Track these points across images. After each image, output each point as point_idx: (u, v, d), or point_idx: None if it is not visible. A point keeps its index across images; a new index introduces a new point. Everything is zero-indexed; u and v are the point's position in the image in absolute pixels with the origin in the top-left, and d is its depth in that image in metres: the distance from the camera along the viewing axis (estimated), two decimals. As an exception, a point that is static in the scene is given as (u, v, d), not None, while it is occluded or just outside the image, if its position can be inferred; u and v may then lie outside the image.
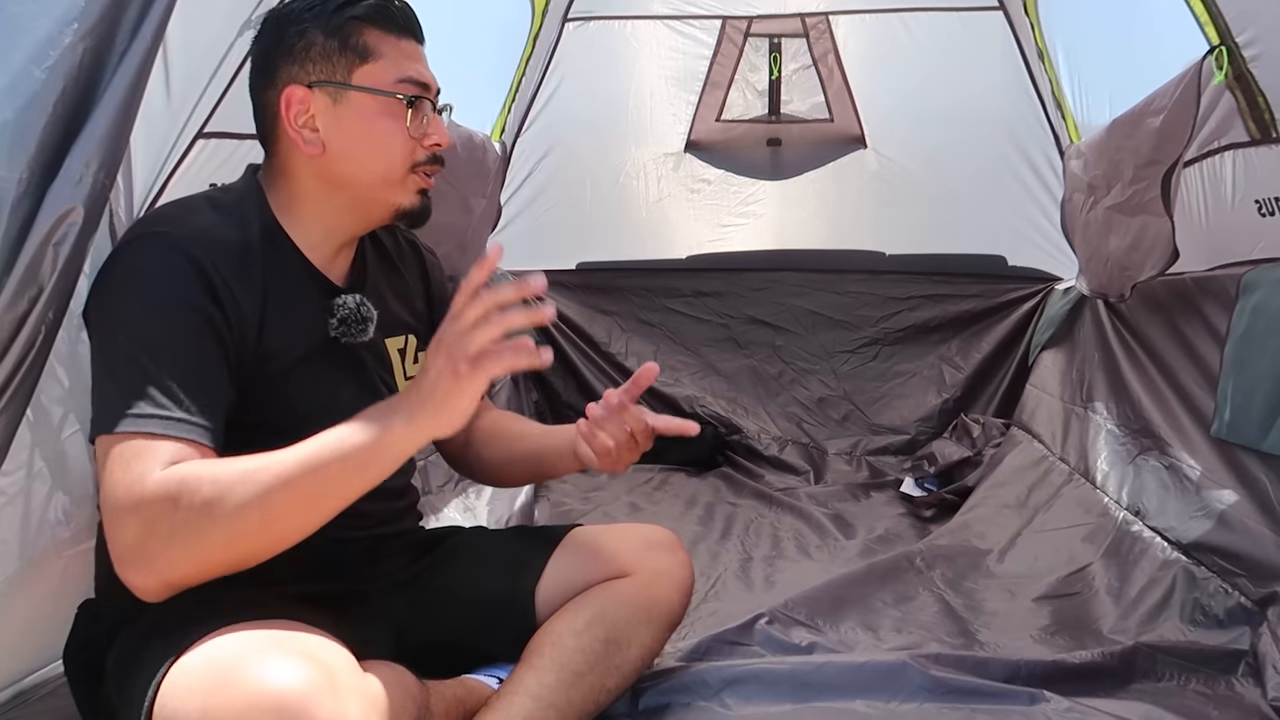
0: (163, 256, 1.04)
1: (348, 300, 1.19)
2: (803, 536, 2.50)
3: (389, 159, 1.17)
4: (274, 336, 1.12)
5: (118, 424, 0.96)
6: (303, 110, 1.14)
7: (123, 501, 0.94)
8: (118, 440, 0.96)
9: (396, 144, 1.17)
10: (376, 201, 1.19)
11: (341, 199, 1.18)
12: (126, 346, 1.00)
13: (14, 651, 1.27)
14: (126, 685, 1.01)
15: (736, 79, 3.50)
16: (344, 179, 1.17)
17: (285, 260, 1.17)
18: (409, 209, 1.21)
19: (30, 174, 0.92)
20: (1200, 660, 1.60)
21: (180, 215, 1.11)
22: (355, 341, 1.20)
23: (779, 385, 3.49)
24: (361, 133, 1.16)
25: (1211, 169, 2.13)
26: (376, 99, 1.15)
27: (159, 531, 0.93)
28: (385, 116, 1.16)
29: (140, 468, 0.95)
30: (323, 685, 0.87)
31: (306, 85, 1.14)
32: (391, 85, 1.16)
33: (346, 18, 1.15)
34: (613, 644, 1.25)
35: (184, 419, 0.98)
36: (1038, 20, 2.96)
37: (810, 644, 1.71)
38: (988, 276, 3.45)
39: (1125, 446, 2.36)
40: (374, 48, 1.16)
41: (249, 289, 1.10)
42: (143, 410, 0.97)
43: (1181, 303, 2.20)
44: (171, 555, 0.94)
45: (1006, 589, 2.04)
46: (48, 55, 0.93)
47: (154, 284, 1.03)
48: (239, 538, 0.95)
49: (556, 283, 3.56)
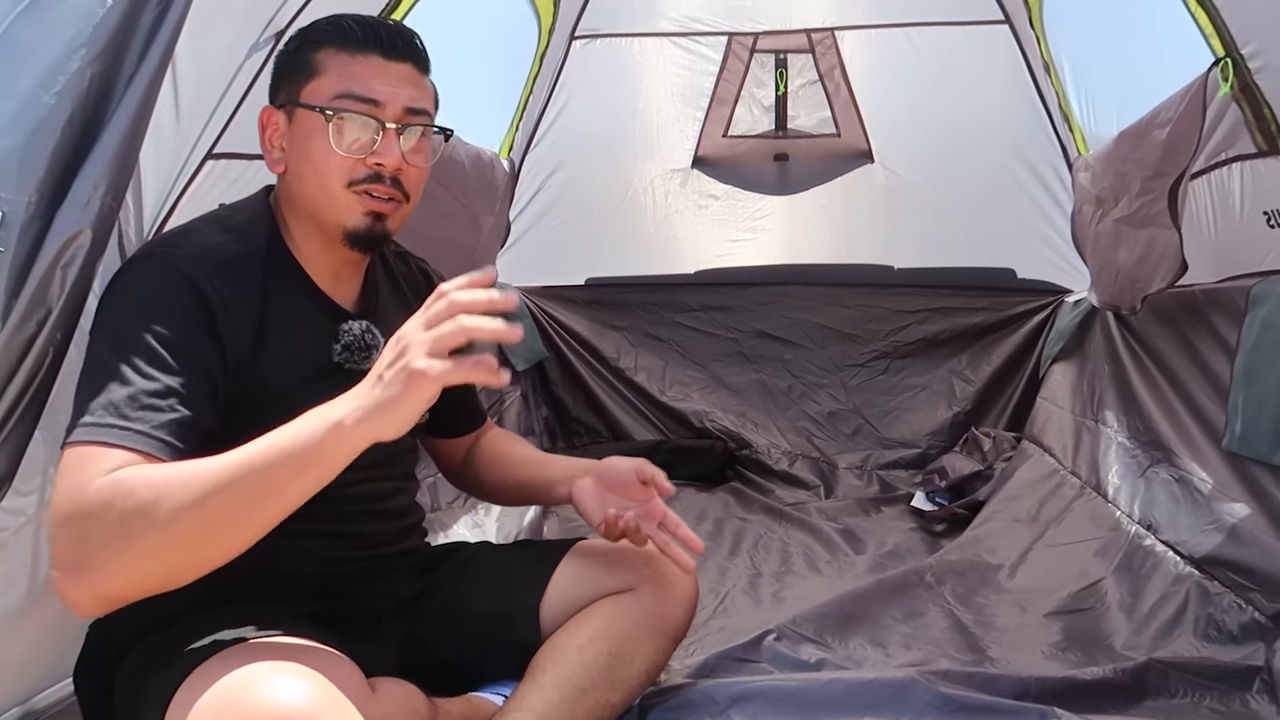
0: (158, 276, 1.05)
1: (354, 326, 1.19)
2: (812, 552, 2.49)
3: (321, 176, 1.15)
4: (273, 357, 1.12)
5: (79, 433, 0.95)
6: (274, 130, 1.18)
7: (61, 507, 0.92)
8: (74, 447, 0.95)
9: (328, 160, 1.14)
10: (324, 221, 1.18)
11: (303, 219, 1.20)
12: (108, 360, 1.00)
13: (22, 671, 1.28)
14: (134, 704, 1.01)
15: (743, 95, 3.51)
16: (295, 197, 1.19)
17: (290, 282, 1.17)
18: (353, 230, 1.17)
19: (39, 197, 0.94)
20: (1214, 677, 1.58)
21: (185, 236, 1.12)
22: (359, 368, 1.19)
23: (788, 399, 3.48)
24: (301, 150, 1.16)
25: (1219, 181, 2.12)
26: (315, 115, 1.15)
27: (91, 538, 0.90)
28: (319, 132, 1.15)
29: (83, 474, 0.92)
30: (328, 703, 0.87)
31: (276, 106, 1.19)
32: (328, 100, 1.14)
33: (305, 39, 1.18)
34: (616, 658, 1.25)
35: (144, 432, 0.96)
36: (1043, 33, 2.96)
37: (819, 660, 1.71)
38: (997, 289, 3.44)
39: (1136, 459, 2.35)
40: (320, 64, 1.16)
41: (246, 305, 1.10)
42: (104, 420, 0.96)
43: (1191, 315, 2.19)
44: (103, 563, 0.90)
45: (1017, 604, 2.02)
46: (56, 80, 0.94)
47: (144, 302, 1.04)
48: (173, 544, 0.91)
49: (565, 298, 3.58)
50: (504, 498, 1.47)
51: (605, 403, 3.48)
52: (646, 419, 3.47)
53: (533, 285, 3.54)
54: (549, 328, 3.51)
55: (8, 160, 0.92)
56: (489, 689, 1.28)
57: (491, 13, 2.94)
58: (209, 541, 0.92)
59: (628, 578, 1.32)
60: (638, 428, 3.46)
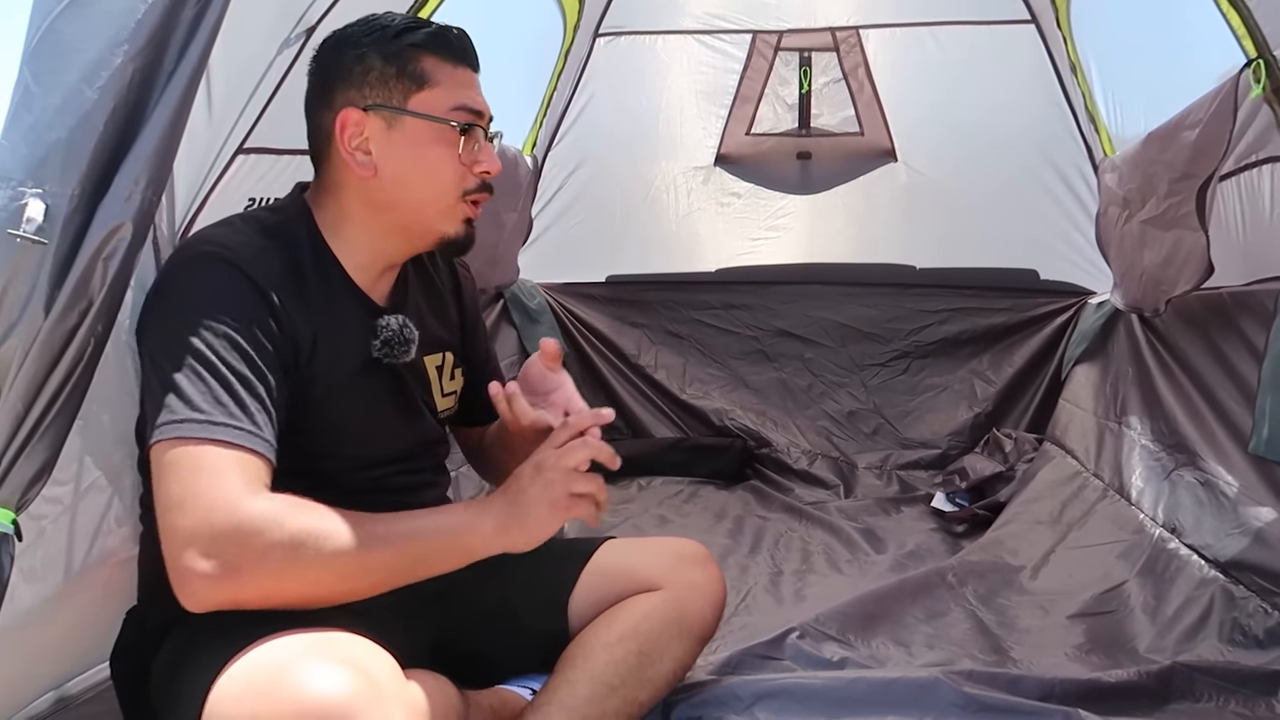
0: (224, 275, 1.06)
1: (391, 322, 1.20)
2: (833, 551, 2.49)
3: (440, 185, 1.18)
4: (324, 358, 1.13)
5: (185, 430, 0.97)
6: (357, 133, 1.16)
7: (218, 512, 0.95)
8: (183, 445, 0.97)
9: (448, 170, 1.18)
10: (423, 227, 1.20)
11: (388, 223, 1.19)
12: (190, 360, 1.01)
13: (58, 657, 1.30)
14: (172, 691, 1.02)
15: (767, 93, 3.51)
16: (393, 203, 1.18)
17: (331, 281, 1.18)
18: (454, 237, 1.21)
19: (81, 190, 0.95)
20: (1239, 681, 1.57)
21: (234, 237, 1.12)
22: (398, 362, 1.21)
23: (808, 398, 3.48)
24: (413, 158, 1.17)
25: (1249, 183, 2.10)
26: (431, 125, 1.16)
27: (254, 549, 0.95)
28: (438, 143, 1.17)
29: (233, 482, 0.96)
30: (368, 693, 0.88)
31: (363, 108, 1.15)
32: (446, 112, 1.17)
33: (405, 44, 1.17)
34: (645, 657, 1.25)
35: (252, 431, 1.00)
36: (1070, 33, 2.94)
37: (842, 659, 1.71)
38: (1020, 290, 3.42)
39: (1160, 462, 2.33)
40: (431, 74, 1.17)
41: (304, 311, 1.11)
42: (214, 418, 0.98)
43: (1218, 318, 2.17)
44: (258, 575, 0.96)
45: (1040, 606, 2.02)
46: (99, 76, 0.96)
47: (216, 301, 1.04)
48: (326, 580, 0.99)
49: (586, 295, 3.58)
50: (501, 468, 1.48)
51: (625, 400, 3.49)
52: (666, 416, 3.48)
53: (554, 282, 3.55)
54: (570, 324, 3.52)
55: (52, 154, 0.93)
56: (516, 682, 1.29)
57: (517, 9, 2.95)
58: (351, 587, 1.02)
59: (655, 577, 1.32)
60: (657, 425, 3.46)
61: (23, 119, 0.95)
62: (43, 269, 0.93)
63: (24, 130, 0.95)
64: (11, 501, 0.95)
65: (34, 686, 1.27)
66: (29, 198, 0.92)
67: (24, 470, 0.96)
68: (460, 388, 1.38)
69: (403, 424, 1.25)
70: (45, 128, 0.94)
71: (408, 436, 1.26)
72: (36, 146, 0.94)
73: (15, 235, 0.91)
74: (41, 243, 0.92)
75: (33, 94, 0.96)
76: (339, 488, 1.09)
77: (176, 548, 0.96)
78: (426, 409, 1.29)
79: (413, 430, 1.27)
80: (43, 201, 0.92)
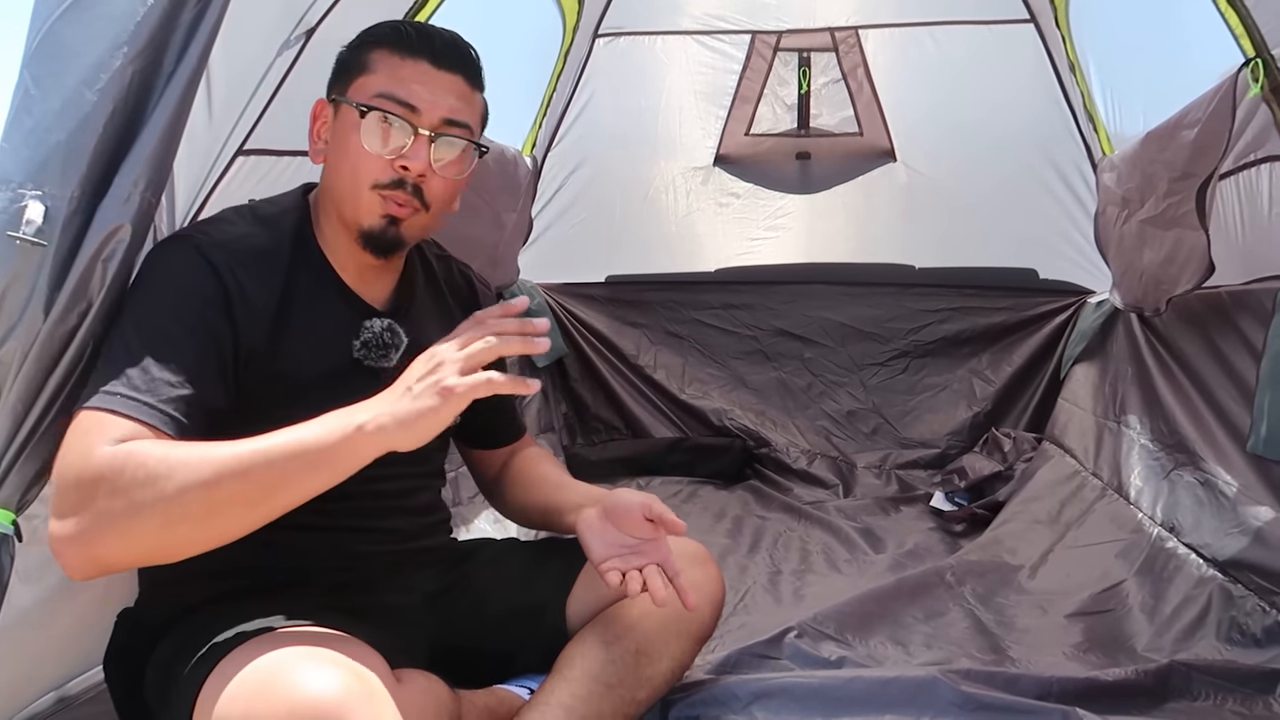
0: (178, 256, 1.08)
1: (374, 324, 1.20)
2: (831, 550, 2.49)
3: (348, 172, 1.16)
4: (294, 350, 1.13)
5: (89, 400, 0.96)
6: (322, 123, 1.20)
7: (69, 468, 0.93)
8: (85, 412, 0.96)
9: (357, 158, 1.14)
10: (345, 218, 1.18)
11: (332, 212, 1.20)
12: (123, 334, 1.01)
13: (58, 658, 1.30)
14: (166, 691, 1.03)
15: (766, 93, 3.51)
16: (327, 190, 1.21)
17: (317, 276, 1.18)
18: (367, 230, 1.16)
19: (81, 192, 0.96)
20: (1237, 680, 1.58)
21: (213, 223, 1.15)
22: (378, 366, 1.19)
23: (808, 398, 3.48)
24: (337, 144, 1.18)
25: (1248, 182, 2.11)
26: (354, 112, 1.15)
27: (98, 502, 0.91)
28: (354, 129, 1.15)
29: (90, 440, 0.94)
30: (359, 693, 0.88)
31: (327, 99, 1.20)
32: (368, 98, 1.15)
33: (366, 38, 1.19)
34: (643, 656, 1.26)
35: (151, 404, 0.97)
36: (1069, 32, 2.94)
37: (839, 658, 1.71)
38: (1019, 289, 3.43)
39: (1159, 462, 2.34)
40: (372, 63, 1.17)
41: (266, 295, 1.11)
42: (114, 389, 0.97)
43: (1217, 317, 2.17)
44: (106, 527, 0.92)
45: (1038, 605, 2.02)
46: (98, 78, 0.96)
47: (162, 280, 1.06)
48: (177, 520, 0.92)
49: (586, 295, 3.59)
50: (526, 520, 1.44)
51: (624, 400, 3.49)
52: (665, 416, 3.48)
53: (553, 282, 3.55)
54: (569, 324, 3.52)
55: (52, 156, 0.94)
56: (515, 682, 1.29)
57: (517, 10, 2.96)
58: (212, 523, 0.94)
59: None
60: (657, 425, 3.47)
61: (23, 122, 0.96)
62: (42, 271, 0.93)
63: (24, 133, 0.95)
64: (12, 502, 0.96)
65: (34, 687, 1.27)
66: (29, 200, 0.92)
67: (24, 471, 0.96)
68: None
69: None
70: (45, 130, 0.95)
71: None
72: (36, 149, 0.94)
73: (15, 237, 0.91)
74: (41, 244, 0.93)
75: (33, 97, 0.96)
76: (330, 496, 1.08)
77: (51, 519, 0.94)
78: None
79: None
80: (42, 204, 0.93)
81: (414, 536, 1.30)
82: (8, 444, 0.94)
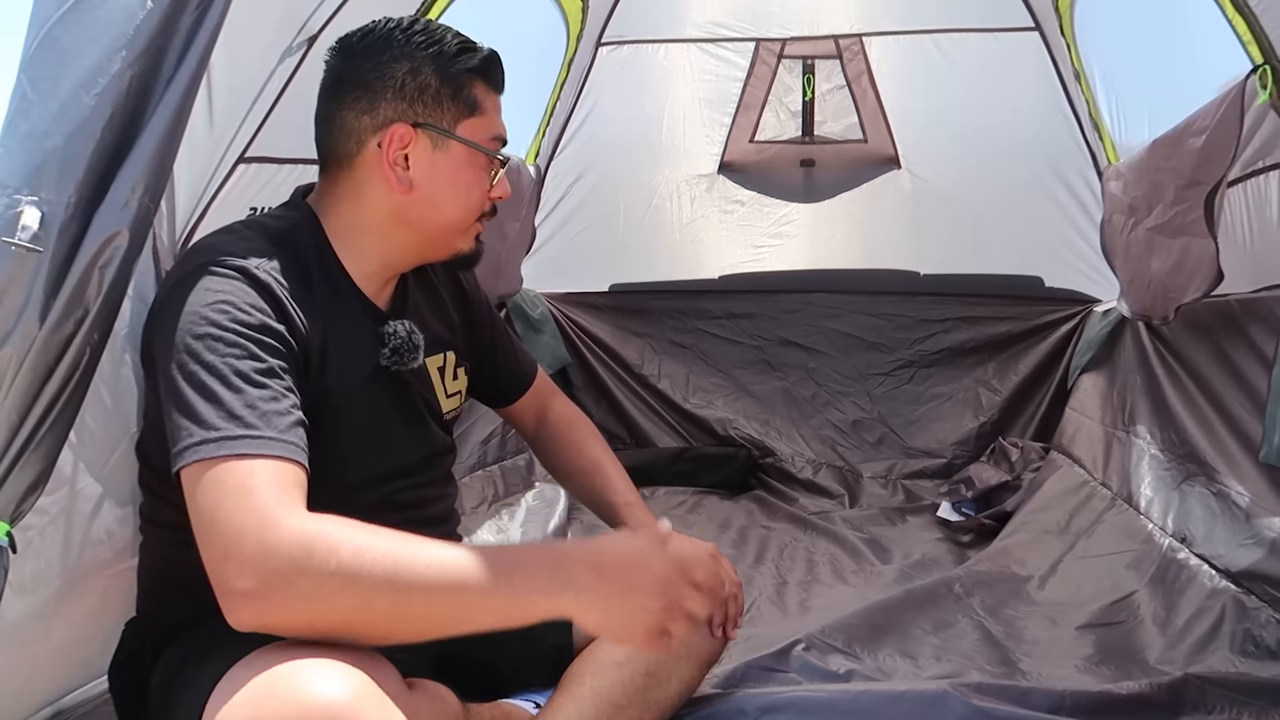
0: (231, 283, 1.02)
1: (398, 329, 1.18)
2: (838, 561, 2.47)
3: (466, 209, 1.19)
4: (335, 368, 1.11)
5: (205, 451, 0.93)
6: (400, 147, 1.14)
7: (249, 539, 0.89)
8: (213, 465, 0.92)
9: (477, 196, 1.19)
10: (442, 244, 1.22)
11: (408, 237, 1.18)
12: (203, 375, 0.96)
13: (55, 671, 1.28)
14: (173, 698, 1.01)
15: (770, 100, 3.50)
16: (419, 220, 1.17)
17: (339, 289, 1.16)
18: (468, 253, 1.25)
19: (78, 198, 0.94)
20: (1252, 693, 1.55)
21: (239, 244, 1.08)
22: (405, 369, 1.19)
23: (812, 408, 3.46)
24: (451, 181, 1.17)
25: (1256, 189, 2.09)
26: (472, 152, 1.17)
27: (280, 575, 0.88)
28: (473, 169, 1.18)
29: (263, 498, 0.90)
30: (370, 697, 0.87)
31: (412, 124, 1.14)
32: (487, 141, 1.18)
33: (463, 68, 1.16)
34: (653, 679, 1.24)
35: (275, 438, 0.95)
36: (1074, 40, 2.93)
37: (848, 671, 1.69)
38: (1025, 298, 3.40)
39: (1170, 472, 2.31)
40: (480, 102, 1.17)
41: (313, 317, 1.08)
42: (230, 433, 0.93)
43: (1226, 325, 2.16)
44: (287, 603, 0.89)
45: (1048, 617, 2.00)
46: (96, 82, 0.95)
47: (225, 310, 1.00)
48: (361, 622, 0.91)
49: (589, 304, 3.57)
50: (570, 489, 1.55)
51: (628, 409, 3.47)
52: (669, 426, 3.46)
53: (557, 291, 3.53)
54: (572, 333, 3.50)
55: (49, 161, 0.93)
56: (521, 696, 1.27)
57: (520, 18, 2.95)
58: (390, 632, 0.94)
59: None
60: (660, 434, 3.45)
61: (20, 126, 0.95)
62: (38, 277, 0.92)
63: (21, 138, 0.94)
64: (6, 513, 0.94)
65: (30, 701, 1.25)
66: (25, 205, 0.91)
67: (19, 481, 0.94)
68: (465, 387, 1.37)
69: (409, 434, 1.24)
70: (42, 135, 0.93)
71: (415, 448, 1.25)
72: (33, 154, 0.93)
73: (10, 243, 0.90)
74: (37, 250, 0.91)
75: (30, 101, 0.95)
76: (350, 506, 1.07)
77: (215, 567, 0.91)
78: (430, 414, 1.27)
79: (419, 440, 1.26)
80: (39, 209, 0.91)
81: None
82: (3, 453, 0.92)
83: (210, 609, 1.04)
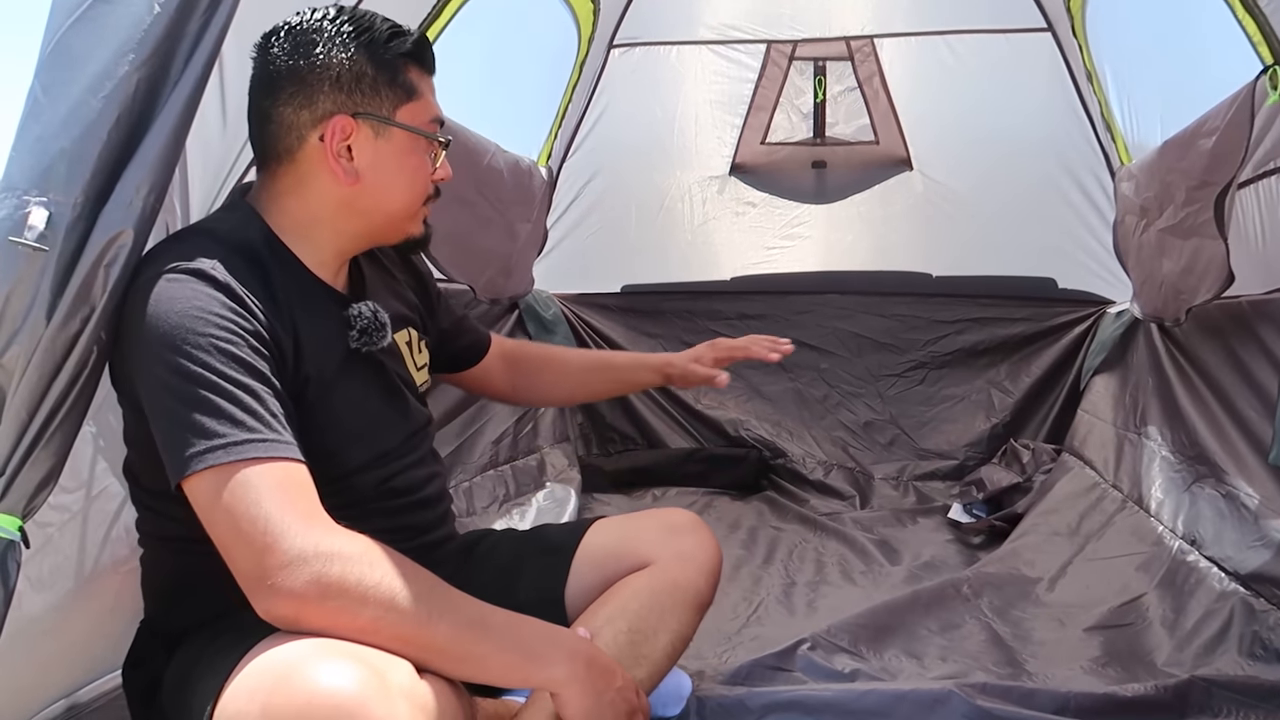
0: (199, 290, 1.01)
1: (363, 309, 1.19)
2: (847, 562, 2.47)
3: (413, 194, 1.21)
4: (310, 359, 1.12)
5: (213, 459, 0.94)
6: (342, 138, 1.13)
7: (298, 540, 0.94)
8: (234, 470, 0.94)
9: (421, 180, 1.21)
10: (393, 230, 1.23)
11: (358, 225, 1.19)
12: (192, 387, 0.96)
13: (69, 665, 1.30)
14: (185, 693, 1.03)
15: (781, 102, 3.50)
16: (370, 209, 1.18)
17: (299, 279, 1.16)
18: (418, 237, 1.26)
19: (85, 198, 0.96)
20: (1260, 696, 1.54)
21: (193, 251, 1.05)
22: (375, 348, 1.20)
23: (824, 409, 3.46)
24: (397, 168, 1.17)
25: (1267, 190, 2.08)
26: (413, 137, 1.17)
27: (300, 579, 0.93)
28: (416, 154, 1.19)
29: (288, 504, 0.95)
30: (377, 688, 0.88)
31: (352, 115, 1.13)
32: (426, 125, 1.19)
33: (396, 53, 1.15)
34: (637, 634, 1.24)
35: (275, 439, 0.97)
36: (1086, 41, 2.92)
37: (853, 671, 1.69)
38: (1037, 299, 3.39)
39: (1180, 474, 2.30)
40: (416, 86, 1.18)
41: (278, 312, 1.09)
42: (234, 438, 0.95)
43: (1238, 327, 2.15)
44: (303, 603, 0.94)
45: (1056, 618, 1.99)
46: (104, 86, 0.97)
47: (196, 316, 0.99)
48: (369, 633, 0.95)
49: (601, 305, 3.58)
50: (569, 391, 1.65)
51: (640, 410, 3.48)
52: (681, 427, 3.47)
53: (569, 292, 3.55)
54: (585, 334, 3.52)
55: (57, 163, 0.95)
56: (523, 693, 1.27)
57: (531, 21, 2.97)
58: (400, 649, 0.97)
59: (645, 553, 1.32)
60: (672, 435, 3.45)
61: (31, 129, 0.97)
62: (45, 276, 0.94)
63: (31, 140, 0.96)
64: (17, 509, 0.96)
65: (44, 694, 1.27)
66: (33, 206, 0.93)
67: (29, 477, 0.96)
68: (428, 361, 1.40)
69: (393, 412, 1.26)
70: (51, 138, 0.95)
71: (400, 425, 1.26)
72: (42, 156, 0.95)
73: (17, 243, 0.92)
74: (43, 250, 0.93)
75: (41, 105, 0.97)
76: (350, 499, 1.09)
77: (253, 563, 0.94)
78: (406, 389, 1.29)
79: (404, 417, 1.27)
80: (46, 209, 0.93)
81: (428, 529, 1.30)
82: (12, 450, 0.94)
83: (220, 609, 1.06)
